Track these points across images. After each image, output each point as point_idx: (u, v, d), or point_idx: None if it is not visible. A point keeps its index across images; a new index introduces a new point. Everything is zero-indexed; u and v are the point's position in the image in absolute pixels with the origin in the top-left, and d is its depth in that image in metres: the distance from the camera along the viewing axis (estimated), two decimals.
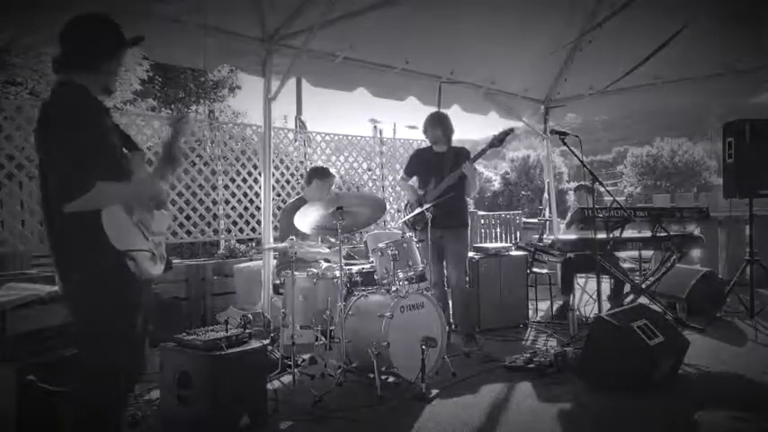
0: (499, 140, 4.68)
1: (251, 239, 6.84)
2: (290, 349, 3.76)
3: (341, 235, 3.87)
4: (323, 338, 3.86)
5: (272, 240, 5.05)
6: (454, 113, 5.22)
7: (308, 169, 4.96)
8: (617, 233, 5.04)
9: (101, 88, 2.30)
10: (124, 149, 2.37)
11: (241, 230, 6.61)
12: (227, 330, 3.14)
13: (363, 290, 4.08)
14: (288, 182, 7.05)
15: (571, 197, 23.92)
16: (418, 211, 4.48)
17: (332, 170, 4.96)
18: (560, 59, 6.59)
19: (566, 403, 3.41)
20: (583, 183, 5.76)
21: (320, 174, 4.73)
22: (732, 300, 5.77)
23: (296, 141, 7.48)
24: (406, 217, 4.78)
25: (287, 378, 3.83)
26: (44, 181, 2.17)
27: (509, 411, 3.32)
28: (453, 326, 4.89)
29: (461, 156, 4.69)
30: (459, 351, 4.49)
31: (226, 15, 4.50)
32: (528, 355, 4.11)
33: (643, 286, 5.18)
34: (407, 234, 4.49)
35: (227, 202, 6.53)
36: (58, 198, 2.08)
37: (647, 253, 6.05)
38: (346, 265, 4.22)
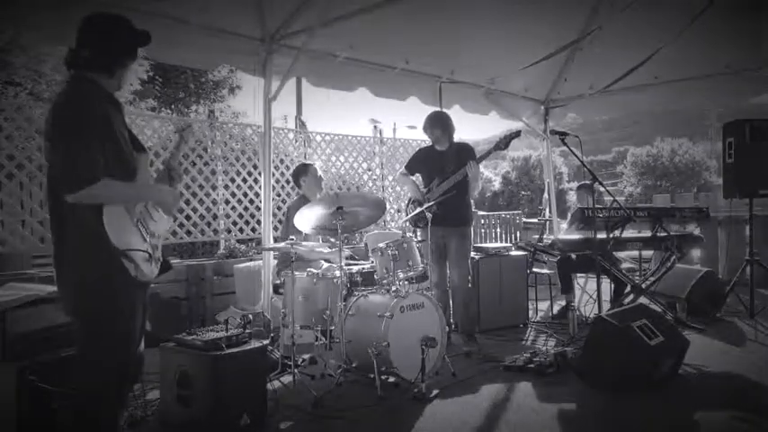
0: (504, 143, 4.64)
1: (251, 239, 6.84)
2: (290, 349, 3.76)
3: (341, 235, 3.88)
4: (323, 338, 3.86)
5: (272, 240, 5.04)
6: (455, 113, 5.22)
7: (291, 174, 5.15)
8: (617, 233, 5.04)
9: (115, 85, 2.32)
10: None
11: (241, 230, 6.61)
12: (227, 330, 3.14)
13: (363, 290, 4.08)
14: (288, 182, 7.04)
15: (571, 197, 23.90)
16: (419, 210, 4.48)
17: (332, 170, 4.99)
18: (560, 59, 6.58)
19: (566, 403, 3.41)
20: (584, 182, 5.75)
21: (301, 172, 4.83)
22: (732, 300, 5.77)
23: (296, 141, 7.48)
24: (408, 216, 4.77)
25: (287, 378, 3.83)
26: (51, 172, 2.15)
27: (509, 411, 3.31)
28: (453, 326, 4.89)
29: (464, 152, 4.68)
30: (459, 351, 4.49)
31: (226, 15, 4.50)
32: (528, 355, 4.11)
33: (643, 286, 5.18)
34: (408, 234, 4.49)
35: (227, 202, 6.53)
36: (61, 187, 2.06)
37: (648, 253, 6.04)
38: (347, 265, 4.22)
